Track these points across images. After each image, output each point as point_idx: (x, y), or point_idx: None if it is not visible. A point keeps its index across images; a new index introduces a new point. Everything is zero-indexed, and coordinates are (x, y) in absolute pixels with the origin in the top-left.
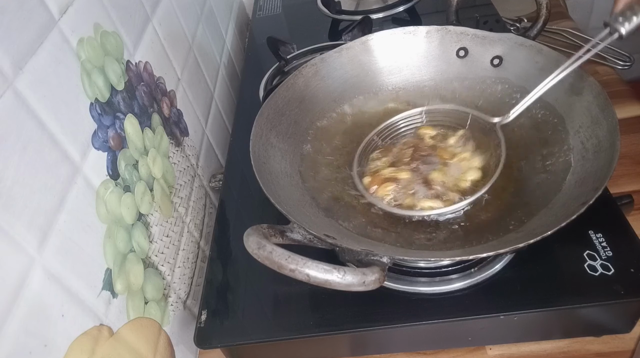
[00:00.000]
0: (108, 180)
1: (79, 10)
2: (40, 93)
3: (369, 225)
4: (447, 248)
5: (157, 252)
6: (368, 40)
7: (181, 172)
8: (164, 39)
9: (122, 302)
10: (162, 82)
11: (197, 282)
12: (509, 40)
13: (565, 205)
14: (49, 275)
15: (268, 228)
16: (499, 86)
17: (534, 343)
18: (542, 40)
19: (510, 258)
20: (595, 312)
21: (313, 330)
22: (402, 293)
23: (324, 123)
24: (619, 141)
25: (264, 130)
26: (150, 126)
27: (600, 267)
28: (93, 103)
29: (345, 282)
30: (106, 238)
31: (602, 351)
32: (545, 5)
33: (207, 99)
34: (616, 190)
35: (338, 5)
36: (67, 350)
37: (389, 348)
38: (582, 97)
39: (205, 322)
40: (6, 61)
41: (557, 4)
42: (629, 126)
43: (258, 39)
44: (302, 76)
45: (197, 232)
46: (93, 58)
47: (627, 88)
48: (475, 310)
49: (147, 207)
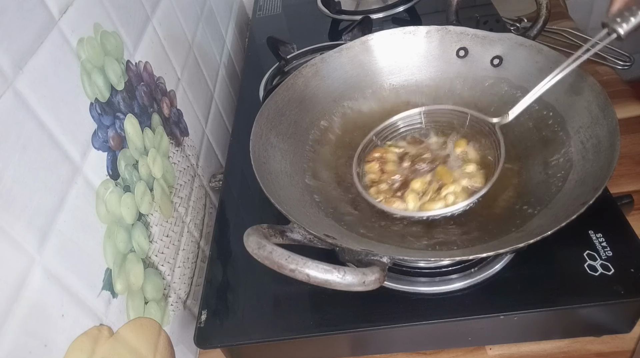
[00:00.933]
0: (108, 180)
1: (79, 10)
2: (40, 93)
3: (369, 225)
4: (448, 247)
5: (157, 252)
6: (368, 40)
7: (181, 172)
8: (164, 39)
9: (122, 302)
10: (162, 82)
11: (197, 282)
12: (509, 40)
13: (565, 205)
14: (49, 275)
15: (268, 228)
16: (499, 86)
17: (534, 343)
18: (542, 40)
19: (510, 258)
20: (595, 312)
21: (313, 330)
22: (402, 293)
23: (324, 123)
24: (619, 141)
25: (264, 130)
26: (150, 126)
27: (600, 267)
28: (93, 103)
29: (345, 282)
30: (106, 238)
31: (602, 351)
32: (545, 5)
33: (207, 99)
34: (616, 190)
35: (338, 5)
36: (67, 350)
37: (389, 348)
38: (582, 97)
39: (205, 322)
40: (6, 61)
41: (557, 4)
42: (629, 126)
43: (258, 39)
44: (302, 76)
45: (197, 232)
46: (93, 58)
47: (627, 88)
48: (475, 310)
49: (147, 207)
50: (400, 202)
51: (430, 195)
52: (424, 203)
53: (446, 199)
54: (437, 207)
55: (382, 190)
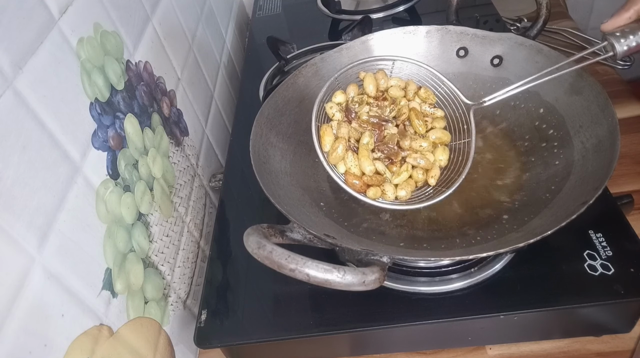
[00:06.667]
0: (108, 179)
1: (78, 10)
2: (40, 93)
3: (366, 221)
4: (446, 247)
5: (157, 252)
6: (368, 40)
7: (181, 172)
8: (164, 39)
9: (122, 302)
10: (162, 82)
11: (197, 282)
12: (509, 40)
13: (565, 205)
14: (49, 274)
15: (268, 228)
16: (498, 86)
17: (534, 343)
18: (542, 40)
19: (510, 258)
20: (595, 311)
21: (313, 330)
22: (402, 293)
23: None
24: (619, 141)
25: (264, 129)
26: (150, 126)
27: (600, 267)
28: (93, 103)
29: (345, 281)
30: (106, 238)
31: (602, 351)
32: (545, 5)
33: (207, 98)
34: (616, 190)
35: (338, 5)
36: (67, 350)
37: (389, 348)
38: (582, 97)
39: (205, 321)
40: (6, 61)
41: (557, 4)
42: (629, 126)
43: (258, 39)
44: (302, 76)
45: (197, 231)
46: (93, 58)
47: (627, 88)
48: (475, 310)
49: (147, 207)
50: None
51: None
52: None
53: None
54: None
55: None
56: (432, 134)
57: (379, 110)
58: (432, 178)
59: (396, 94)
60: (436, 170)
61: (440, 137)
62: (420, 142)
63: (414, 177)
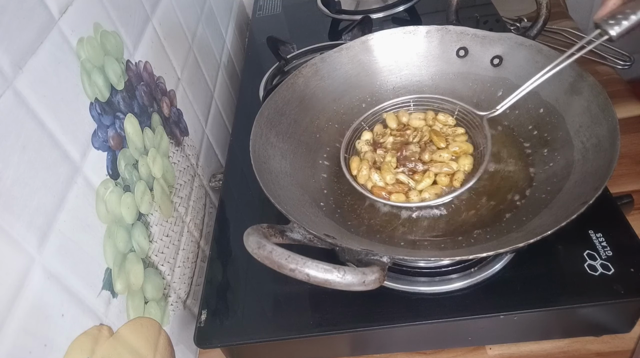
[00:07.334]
0: (108, 179)
1: (78, 10)
2: (40, 93)
3: (366, 220)
4: (446, 247)
5: (157, 252)
6: (368, 40)
7: (181, 172)
8: (164, 39)
9: (122, 302)
10: (162, 82)
11: (197, 282)
12: (509, 40)
13: (565, 205)
14: (49, 274)
15: (268, 228)
16: (498, 86)
17: (534, 343)
18: (542, 40)
19: (510, 258)
20: (595, 311)
21: (313, 330)
22: (402, 293)
23: (324, 123)
24: (619, 141)
25: (264, 130)
26: (150, 126)
27: (600, 267)
28: (93, 103)
29: (345, 281)
30: (106, 238)
31: (602, 351)
32: (545, 5)
33: (207, 98)
34: (616, 190)
35: (338, 5)
36: (67, 350)
37: (389, 348)
38: (582, 97)
39: (205, 321)
40: (6, 61)
41: (557, 4)
42: (629, 126)
43: (258, 39)
44: (302, 76)
45: (197, 231)
46: (93, 58)
47: (627, 88)
48: (475, 310)
49: (147, 207)
50: (390, 194)
51: (420, 189)
52: (415, 196)
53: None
54: (428, 199)
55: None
56: (453, 146)
57: (402, 138)
58: (456, 180)
59: (417, 124)
60: (460, 174)
61: (462, 147)
62: (440, 153)
63: (439, 181)
